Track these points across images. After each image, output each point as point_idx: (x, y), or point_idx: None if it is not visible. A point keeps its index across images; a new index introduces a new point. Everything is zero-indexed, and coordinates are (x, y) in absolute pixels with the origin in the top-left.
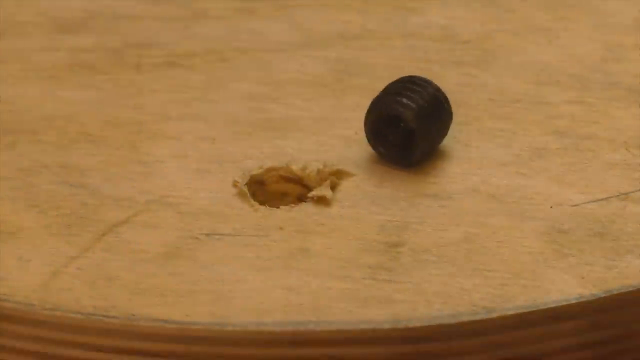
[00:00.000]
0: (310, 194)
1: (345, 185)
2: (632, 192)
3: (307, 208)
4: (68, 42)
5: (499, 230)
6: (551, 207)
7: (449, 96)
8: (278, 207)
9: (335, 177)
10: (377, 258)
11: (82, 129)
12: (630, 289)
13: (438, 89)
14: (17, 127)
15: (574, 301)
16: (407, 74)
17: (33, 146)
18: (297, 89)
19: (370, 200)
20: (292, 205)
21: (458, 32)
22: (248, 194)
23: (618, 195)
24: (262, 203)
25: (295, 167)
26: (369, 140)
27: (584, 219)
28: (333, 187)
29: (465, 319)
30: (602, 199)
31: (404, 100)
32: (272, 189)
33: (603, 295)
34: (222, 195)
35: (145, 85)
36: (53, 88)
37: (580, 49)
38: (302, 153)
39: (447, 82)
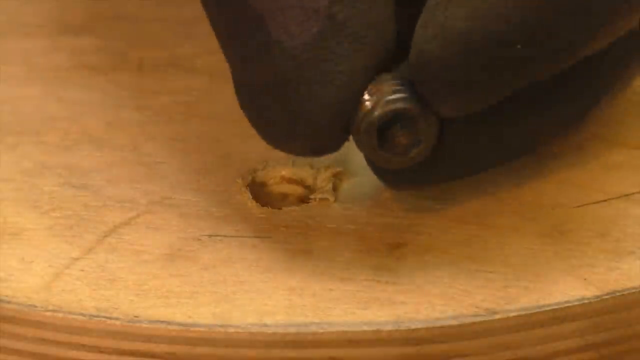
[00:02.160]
0: (313, 196)
1: (347, 186)
2: (634, 193)
3: (309, 209)
4: (71, 43)
5: (501, 232)
6: (553, 209)
7: None
8: (280, 209)
9: (338, 178)
10: (379, 260)
11: (85, 130)
12: (633, 290)
13: None
14: (20, 128)
15: (576, 303)
16: None
17: (35, 147)
18: None
19: (372, 202)
20: (294, 206)
21: None
22: (250, 196)
23: (620, 197)
24: (264, 204)
25: (297, 169)
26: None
27: (585, 220)
28: (335, 189)
29: (468, 320)
30: (604, 200)
31: None
32: (274, 190)
33: (605, 296)
34: (224, 197)
35: (147, 86)
36: (55, 89)
37: None
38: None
39: None
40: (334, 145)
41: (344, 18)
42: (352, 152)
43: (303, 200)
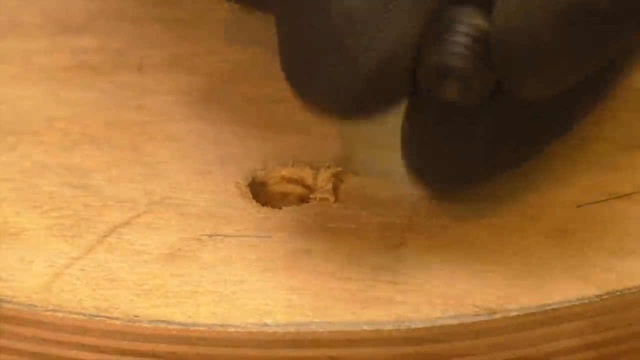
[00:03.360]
0: (313, 195)
1: (347, 186)
2: (634, 193)
3: (309, 209)
4: (70, 43)
5: (501, 231)
6: (553, 209)
7: None
8: (280, 208)
9: (338, 178)
10: (379, 259)
11: (84, 130)
12: (633, 290)
13: None
14: (19, 128)
15: (576, 302)
16: None
17: (35, 147)
18: None
19: (372, 201)
20: (294, 206)
21: None
22: (250, 195)
23: (620, 197)
24: (264, 204)
25: (297, 168)
26: None
27: (586, 220)
28: (335, 188)
29: (468, 320)
30: (603, 200)
31: None
32: (274, 189)
33: (605, 296)
34: (224, 197)
35: (147, 86)
36: (55, 89)
37: None
38: (304, 154)
39: None
40: (377, 105)
41: None
42: (352, 152)
43: (303, 200)
